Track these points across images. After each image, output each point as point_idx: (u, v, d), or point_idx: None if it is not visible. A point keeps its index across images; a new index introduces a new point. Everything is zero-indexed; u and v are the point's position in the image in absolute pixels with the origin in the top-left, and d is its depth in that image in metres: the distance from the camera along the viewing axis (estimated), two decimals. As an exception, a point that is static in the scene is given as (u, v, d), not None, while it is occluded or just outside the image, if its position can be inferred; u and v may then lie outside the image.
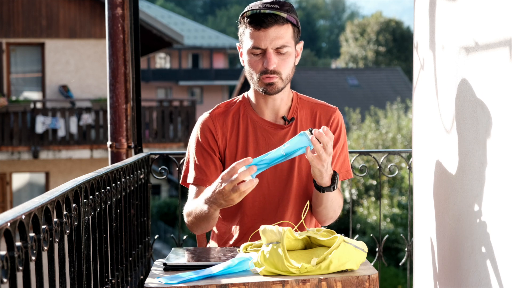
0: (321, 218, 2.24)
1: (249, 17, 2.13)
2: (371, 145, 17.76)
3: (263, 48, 2.12)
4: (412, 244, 3.30)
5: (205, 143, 2.26)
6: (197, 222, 2.14)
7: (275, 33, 2.11)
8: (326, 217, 2.23)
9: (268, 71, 2.13)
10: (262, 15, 2.10)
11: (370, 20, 39.59)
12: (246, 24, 2.14)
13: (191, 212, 2.15)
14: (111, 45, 3.16)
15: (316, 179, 2.05)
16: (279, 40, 2.11)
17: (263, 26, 2.10)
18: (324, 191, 2.08)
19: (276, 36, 2.11)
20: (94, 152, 13.87)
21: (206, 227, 2.17)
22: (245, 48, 2.17)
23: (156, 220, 23.99)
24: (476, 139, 1.84)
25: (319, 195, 2.13)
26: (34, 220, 1.44)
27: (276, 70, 2.13)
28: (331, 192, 2.09)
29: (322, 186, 2.07)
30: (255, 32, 2.12)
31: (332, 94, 27.85)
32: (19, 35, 14.31)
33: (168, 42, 15.72)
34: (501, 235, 1.71)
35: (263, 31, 2.10)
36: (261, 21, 2.10)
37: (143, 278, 2.94)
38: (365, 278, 1.68)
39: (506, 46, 1.68)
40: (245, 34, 2.15)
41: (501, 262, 1.71)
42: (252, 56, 2.15)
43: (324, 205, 2.16)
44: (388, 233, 14.33)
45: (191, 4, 57.11)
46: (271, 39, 2.11)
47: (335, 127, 2.28)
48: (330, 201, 2.15)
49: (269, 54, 2.12)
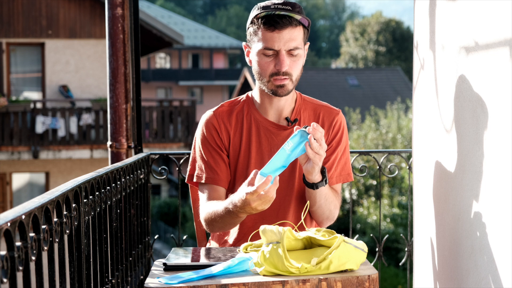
0: (317, 218, 2.24)
1: (263, 17, 2.12)
2: (371, 145, 17.77)
3: (277, 49, 2.11)
4: (412, 244, 3.30)
5: (212, 141, 2.26)
6: (222, 226, 2.17)
7: (288, 35, 2.11)
8: (322, 217, 2.22)
9: (280, 73, 2.13)
10: (277, 16, 2.09)
11: (370, 20, 39.60)
12: (259, 25, 2.13)
13: (212, 214, 2.15)
14: (111, 45, 3.16)
15: (309, 176, 2.07)
16: (292, 42, 2.11)
17: (277, 27, 2.10)
18: (317, 187, 2.09)
19: (289, 38, 2.11)
20: (94, 152, 13.87)
21: (231, 227, 2.21)
22: (256, 48, 2.16)
23: (156, 220, 23.99)
24: (476, 139, 1.84)
25: (312, 193, 2.13)
26: (34, 220, 1.44)
27: (288, 72, 2.13)
28: (324, 187, 2.10)
29: (314, 183, 2.08)
30: (268, 33, 2.11)
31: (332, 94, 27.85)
32: (19, 35, 14.31)
33: (168, 42, 15.72)
34: (501, 235, 1.71)
35: (277, 32, 2.10)
36: (276, 23, 2.09)
37: (143, 278, 2.94)
38: (365, 278, 1.68)
39: (506, 46, 1.68)
40: (257, 35, 2.14)
41: (501, 262, 1.71)
42: (264, 57, 2.14)
43: (318, 204, 2.16)
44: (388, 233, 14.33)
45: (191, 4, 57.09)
46: (285, 41, 2.11)
47: (338, 129, 2.28)
48: (324, 199, 2.15)
49: (282, 56, 2.11)
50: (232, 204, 1.99)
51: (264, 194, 1.86)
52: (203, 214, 2.22)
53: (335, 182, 2.27)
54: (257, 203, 1.89)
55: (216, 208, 2.13)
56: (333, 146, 2.27)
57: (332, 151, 2.26)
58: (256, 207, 1.90)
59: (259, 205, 1.90)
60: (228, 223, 2.14)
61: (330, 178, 2.25)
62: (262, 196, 1.87)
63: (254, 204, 1.89)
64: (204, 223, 2.23)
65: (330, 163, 2.25)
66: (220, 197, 2.24)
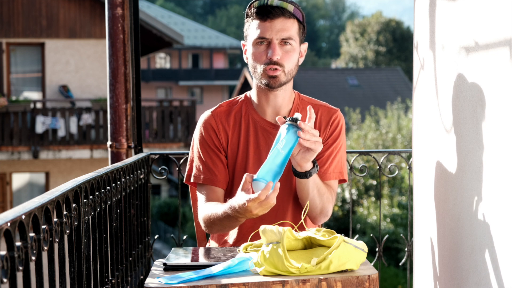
0: (310, 213, 2.21)
1: (256, 8, 2.16)
2: (371, 145, 17.77)
3: (268, 38, 2.14)
4: (412, 244, 3.30)
5: (210, 142, 2.26)
6: (220, 229, 2.18)
7: (281, 24, 2.14)
8: (315, 211, 2.19)
9: (272, 62, 2.14)
10: (270, 6, 2.14)
11: (370, 20, 39.60)
12: (252, 16, 2.18)
13: (211, 216, 2.15)
14: (111, 45, 3.16)
15: (301, 166, 2.05)
16: (285, 32, 2.14)
17: (269, 17, 2.14)
18: (310, 174, 2.07)
19: (281, 28, 2.14)
20: (94, 152, 13.87)
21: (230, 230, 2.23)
22: (250, 40, 2.19)
23: (156, 220, 23.99)
24: (476, 139, 1.84)
25: (305, 184, 2.11)
26: (34, 220, 1.44)
27: (280, 62, 2.15)
28: (316, 178, 2.10)
29: (307, 171, 2.06)
30: (261, 23, 2.15)
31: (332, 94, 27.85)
32: (19, 35, 14.31)
33: (168, 42, 15.72)
34: (501, 235, 1.71)
35: (269, 21, 2.14)
36: (268, 12, 2.14)
37: (143, 278, 2.94)
38: (365, 278, 1.68)
39: (506, 46, 1.68)
40: (251, 27, 2.19)
41: (501, 262, 1.71)
42: (257, 46, 2.17)
43: (312, 195, 2.14)
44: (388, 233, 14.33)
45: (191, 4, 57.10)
46: (277, 30, 2.14)
47: (335, 127, 2.28)
48: (317, 189, 2.14)
49: (274, 44, 2.14)
50: (232, 209, 1.99)
51: (265, 201, 1.87)
52: (201, 215, 2.22)
53: (328, 178, 2.25)
54: (258, 210, 1.90)
55: (215, 211, 2.12)
56: (329, 143, 2.26)
57: (327, 147, 2.26)
58: (257, 213, 1.92)
59: (260, 211, 1.91)
60: (227, 226, 2.15)
61: (324, 173, 2.23)
62: (263, 203, 1.87)
63: (255, 211, 1.90)
64: (202, 224, 2.23)
65: (324, 158, 2.25)
66: (218, 198, 2.24)
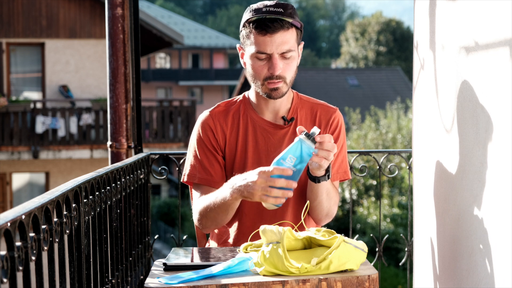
0: (317, 215, 2.22)
1: (255, 21, 2.11)
2: (371, 145, 17.77)
3: (269, 53, 2.10)
4: (412, 244, 3.30)
5: (208, 142, 2.26)
6: (214, 216, 2.13)
7: (281, 38, 2.09)
8: (322, 214, 2.21)
9: (273, 77, 2.12)
10: (268, 20, 2.08)
11: (370, 20, 39.61)
12: (251, 29, 2.12)
13: (206, 208, 2.14)
14: (111, 45, 3.16)
15: (314, 173, 2.05)
16: (285, 45, 2.10)
17: (269, 31, 2.08)
18: (319, 181, 2.07)
19: (282, 42, 2.10)
20: (94, 152, 13.87)
21: (223, 219, 2.15)
22: (249, 52, 2.15)
23: (156, 220, 24.00)
24: (476, 139, 1.84)
25: (314, 187, 2.12)
26: (34, 220, 1.44)
27: (281, 75, 2.12)
28: (326, 182, 2.09)
29: (317, 176, 2.06)
30: (260, 37, 2.10)
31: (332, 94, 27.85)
32: (19, 35, 14.31)
33: (168, 42, 15.72)
34: (501, 235, 1.71)
35: (269, 36, 2.09)
36: (267, 27, 2.08)
37: (143, 278, 2.94)
38: (365, 278, 1.68)
39: (506, 46, 1.68)
40: (250, 38, 2.13)
41: (501, 262, 1.71)
42: (257, 60, 2.13)
43: (319, 199, 2.14)
44: (388, 233, 14.34)
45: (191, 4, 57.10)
46: (277, 44, 2.09)
47: (335, 127, 2.28)
48: (326, 194, 2.14)
49: (275, 59, 2.10)
50: (232, 184, 1.98)
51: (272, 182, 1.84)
52: (195, 212, 2.21)
53: (333, 179, 2.26)
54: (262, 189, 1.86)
55: (207, 201, 2.12)
56: None
57: None
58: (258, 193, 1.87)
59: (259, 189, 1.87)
60: (219, 212, 2.10)
61: None
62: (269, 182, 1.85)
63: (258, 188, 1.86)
64: (197, 222, 2.21)
65: None
66: None
